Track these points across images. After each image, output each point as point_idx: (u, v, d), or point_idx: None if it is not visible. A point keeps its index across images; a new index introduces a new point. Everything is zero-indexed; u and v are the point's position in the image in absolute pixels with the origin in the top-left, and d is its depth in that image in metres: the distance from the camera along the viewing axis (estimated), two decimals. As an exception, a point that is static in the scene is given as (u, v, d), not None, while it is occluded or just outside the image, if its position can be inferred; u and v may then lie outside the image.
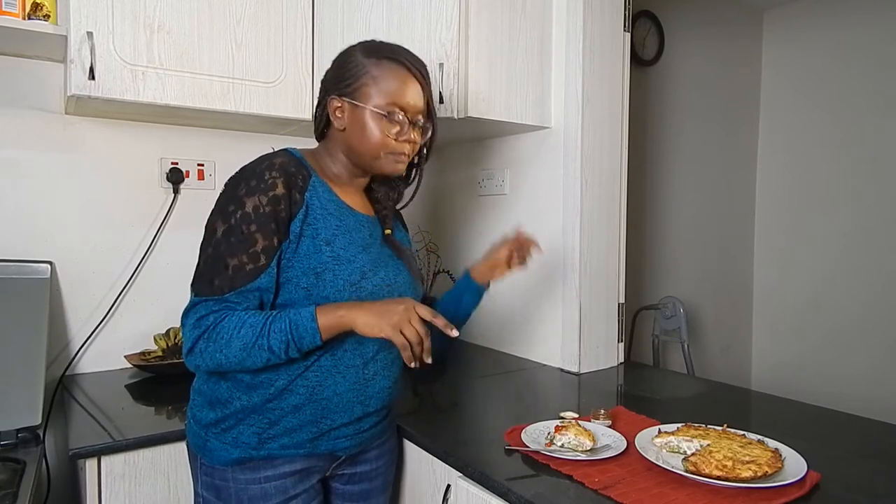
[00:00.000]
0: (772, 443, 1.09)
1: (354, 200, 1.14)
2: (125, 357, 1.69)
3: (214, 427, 1.06)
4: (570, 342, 1.79)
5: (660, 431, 1.15)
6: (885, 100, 2.90)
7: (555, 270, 1.82)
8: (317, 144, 1.17)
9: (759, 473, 0.96)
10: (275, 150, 1.08)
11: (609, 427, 1.22)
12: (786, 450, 1.07)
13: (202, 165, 1.85)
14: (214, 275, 0.98)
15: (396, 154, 1.09)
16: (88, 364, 1.69)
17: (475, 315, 1.40)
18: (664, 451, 1.10)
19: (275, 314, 0.98)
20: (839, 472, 1.05)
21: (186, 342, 0.99)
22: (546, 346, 1.87)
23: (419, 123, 1.11)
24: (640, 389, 1.74)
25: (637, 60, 2.72)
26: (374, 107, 1.06)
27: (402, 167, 1.12)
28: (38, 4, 1.39)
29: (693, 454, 1.03)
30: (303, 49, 1.67)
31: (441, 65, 1.58)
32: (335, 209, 1.07)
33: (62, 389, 1.57)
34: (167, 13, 1.47)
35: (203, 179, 1.85)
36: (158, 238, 1.79)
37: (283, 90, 1.64)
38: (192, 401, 1.12)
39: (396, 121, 1.07)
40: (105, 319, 1.71)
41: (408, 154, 1.11)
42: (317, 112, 1.15)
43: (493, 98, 1.68)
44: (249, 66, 1.58)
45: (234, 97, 1.57)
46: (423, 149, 1.17)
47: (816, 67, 3.15)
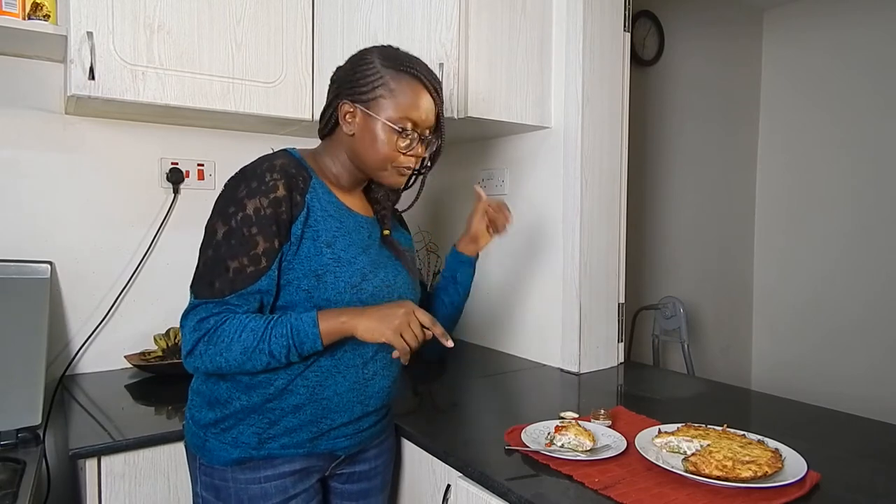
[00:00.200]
0: (772, 443, 1.09)
1: (354, 201, 1.14)
2: (125, 357, 1.69)
3: (214, 427, 1.06)
4: (570, 342, 1.79)
5: (660, 431, 1.15)
6: (885, 100, 2.90)
7: (555, 270, 1.82)
8: (317, 144, 1.16)
9: (759, 473, 0.96)
10: (274, 151, 1.07)
11: (609, 427, 1.22)
12: (786, 450, 1.07)
13: (202, 165, 1.85)
14: (215, 277, 0.98)
15: (401, 167, 1.09)
16: (88, 364, 1.70)
17: (475, 315, 1.40)
18: (664, 452, 1.10)
19: (276, 318, 0.98)
20: (839, 472, 1.05)
21: (186, 344, 0.99)
22: (546, 346, 1.87)
23: (426, 137, 1.10)
24: (640, 389, 1.74)
25: (637, 60, 2.72)
26: (388, 119, 1.05)
27: (405, 180, 1.13)
28: (38, 4, 1.39)
29: (693, 454, 1.03)
30: (303, 49, 1.67)
31: (441, 65, 1.57)
32: (335, 211, 1.07)
33: (62, 389, 1.57)
34: (167, 13, 1.47)
35: (203, 179, 1.85)
36: (158, 238, 1.79)
37: (283, 90, 1.64)
38: (191, 401, 1.12)
39: (407, 136, 1.06)
40: (105, 319, 1.71)
41: (412, 167, 1.11)
42: (325, 112, 1.13)
43: (494, 98, 1.68)
44: (249, 66, 1.59)
45: (234, 97, 1.57)
46: (426, 160, 1.15)
47: (816, 67, 3.15)
